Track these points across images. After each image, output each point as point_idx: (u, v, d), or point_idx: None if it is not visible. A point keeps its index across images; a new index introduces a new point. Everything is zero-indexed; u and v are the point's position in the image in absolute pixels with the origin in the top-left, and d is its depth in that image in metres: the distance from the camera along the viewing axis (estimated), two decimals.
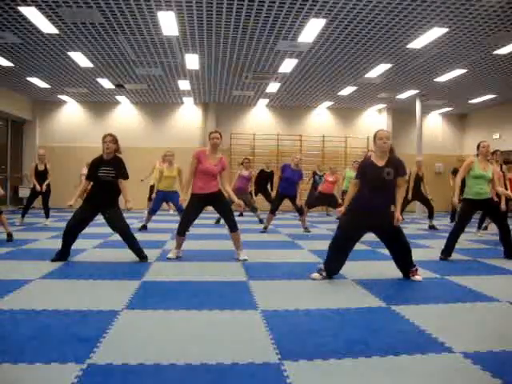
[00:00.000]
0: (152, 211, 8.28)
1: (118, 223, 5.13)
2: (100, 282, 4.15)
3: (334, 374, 2.26)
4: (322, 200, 10.31)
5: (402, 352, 2.52)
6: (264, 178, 11.53)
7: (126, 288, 3.89)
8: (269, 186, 11.24)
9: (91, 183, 5.18)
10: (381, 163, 4.24)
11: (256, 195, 11.97)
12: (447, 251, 5.67)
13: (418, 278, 4.40)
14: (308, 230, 8.53)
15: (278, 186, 8.36)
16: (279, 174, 8.37)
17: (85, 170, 12.56)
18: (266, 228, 8.44)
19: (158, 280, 4.27)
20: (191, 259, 5.39)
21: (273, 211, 8.36)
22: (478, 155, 5.72)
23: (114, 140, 5.17)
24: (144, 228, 8.30)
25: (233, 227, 5.36)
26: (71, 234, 5.05)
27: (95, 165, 5.13)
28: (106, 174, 5.05)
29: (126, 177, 5.21)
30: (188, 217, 5.32)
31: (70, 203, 5.14)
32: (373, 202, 4.23)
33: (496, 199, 5.98)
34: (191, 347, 2.58)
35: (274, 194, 8.91)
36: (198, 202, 5.25)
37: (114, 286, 4.01)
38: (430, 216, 9.66)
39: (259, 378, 2.21)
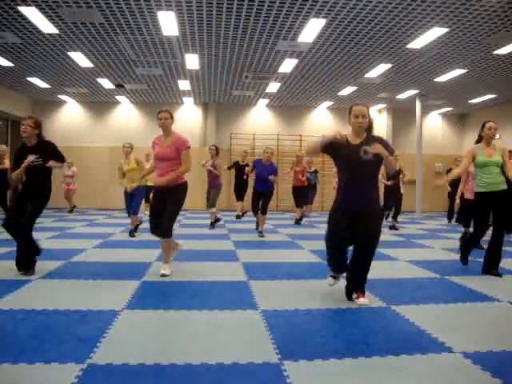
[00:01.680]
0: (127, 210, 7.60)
1: (23, 218, 4.33)
2: (100, 282, 4.15)
3: (334, 374, 2.26)
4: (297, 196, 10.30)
5: (402, 352, 2.52)
6: (241, 173, 10.44)
7: (126, 288, 3.89)
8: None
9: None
10: (356, 141, 3.51)
11: (238, 198, 10.82)
12: (462, 257, 5.22)
13: (362, 301, 3.53)
14: (262, 235, 7.73)
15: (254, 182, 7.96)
16: (251, 168, 8.11)
17: (67, 171, 12.42)
18: (260, 230, 7.89)
19: (158, 280, 4.27)
20: (191, 259, 5.39)
21: (254, 211, 7.97)
22: (480, 139, 4.83)
23: (35, 124, 4.43)
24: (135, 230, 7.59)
25: (167, 233, 4.43)
26: (9, 225, 4.36)
27: (18, 156, 4.40)
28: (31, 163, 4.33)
29: (62, 159, 4.55)
30: (152, 210, 4.60)
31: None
32: (350, 198, 3.48)
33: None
34: (191, 347, 2.58)
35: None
36: (158, 195, 4.49)
37: (114, 286, 4.01)
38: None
39: (259, 378, 2.21)
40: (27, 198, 4.39)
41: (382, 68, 10.26)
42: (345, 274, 3.74)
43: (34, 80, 11.80)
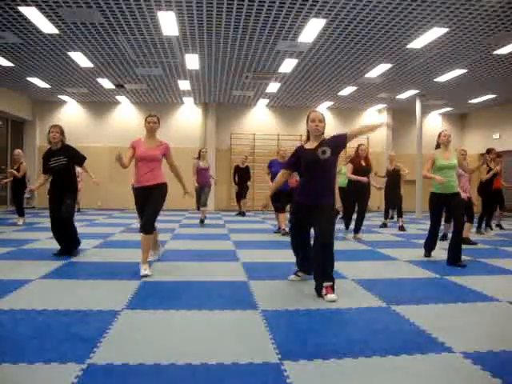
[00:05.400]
0: None
1: (64, 208, 5.33)
2: (100, 282, 4.15)
3: (333, 374, 2.26)
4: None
5: (402, 352, 2.51)
6: (240, 175, 11.83)
7: (126, 288, 3.89)
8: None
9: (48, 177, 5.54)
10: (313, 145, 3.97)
11: (241, 196, 12.24)
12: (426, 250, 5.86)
13: (330, 297, 3.58)
14: (286, 232, 7.70)
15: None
16: (267, 171, 7.95)
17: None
18: (282, 229, 7.91)
19: (158, 280, 4.27)
20: (191, 259, 5.39)
21: (282, 209, 7.89)
22: (438, 146, 5.81)
23: (61, 131, 5.50)
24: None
25: (148, 227, 4.56)
26: (55, 226, 5.37)
27: (45, 158, 5.46)
28: (56, 163, 5.36)
29: (80, 160, 5.58)
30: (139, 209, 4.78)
31: (32, 187, 5.87)
32: (310, 193, 3.86)
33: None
34: (191, 347, 2.58)
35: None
36: (142, 193, 4.62)
37: (114, 286, 4.00)
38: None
39: (259, 378, 2.21)
40: (61, 194, 5.35)
41: (382, 68, 10.26)
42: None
43: (34, 80, 11.80)
